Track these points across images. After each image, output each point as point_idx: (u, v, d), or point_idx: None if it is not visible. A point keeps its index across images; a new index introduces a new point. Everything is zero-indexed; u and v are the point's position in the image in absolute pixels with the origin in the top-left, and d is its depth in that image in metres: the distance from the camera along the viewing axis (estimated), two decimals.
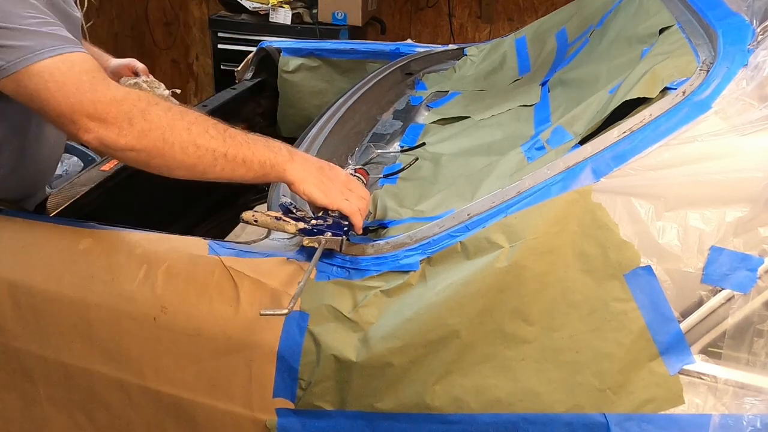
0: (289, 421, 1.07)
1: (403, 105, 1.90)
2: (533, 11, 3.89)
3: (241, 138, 1.12)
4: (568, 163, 1.04)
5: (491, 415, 0.99)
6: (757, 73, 1.00)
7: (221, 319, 1.08)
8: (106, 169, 1.69)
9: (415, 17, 4.13)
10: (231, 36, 3.70)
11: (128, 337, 1.13)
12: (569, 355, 0.98)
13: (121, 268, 1.15)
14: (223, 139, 1.09)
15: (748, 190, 0.96)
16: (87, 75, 1.07)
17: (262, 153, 1.11)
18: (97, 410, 1.21)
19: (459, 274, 1.01)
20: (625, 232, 0.98)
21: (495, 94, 1.81)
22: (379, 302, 1.04)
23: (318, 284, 1.07)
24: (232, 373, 1.08)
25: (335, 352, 1.02)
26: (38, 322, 1.18)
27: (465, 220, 1.06)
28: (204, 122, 1.10)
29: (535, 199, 1.02)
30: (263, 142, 1.14)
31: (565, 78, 1.59)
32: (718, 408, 0.95)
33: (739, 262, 0.95)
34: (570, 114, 1.28)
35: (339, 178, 1.19)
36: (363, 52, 2.36)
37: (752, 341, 0.96)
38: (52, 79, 1.05)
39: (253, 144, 1.12)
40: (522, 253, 0.98)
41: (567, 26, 1.88)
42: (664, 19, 1.33)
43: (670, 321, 0.96)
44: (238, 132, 1.13)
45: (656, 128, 1.01)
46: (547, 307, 0.98)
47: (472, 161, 1.41)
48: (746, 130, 0.98)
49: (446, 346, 1.00)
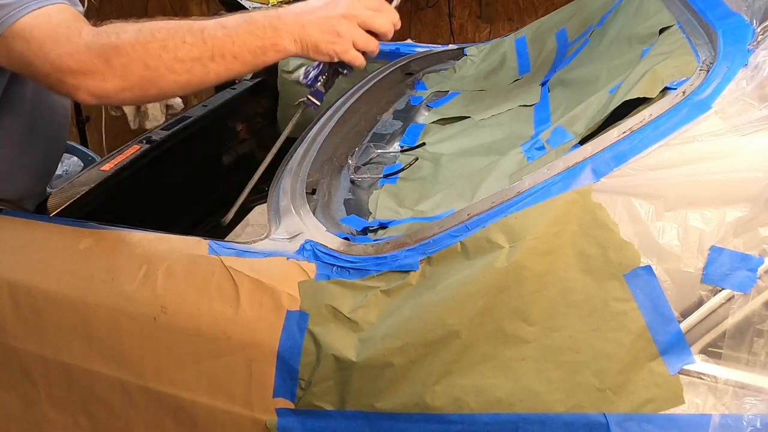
0: (289, 421, 1.07)
1: (403, 105, 1.90)
2: (533, 11, 3.89)
3: (221, 33, 1.04)
4: (568, 163, 1.04)
5: (491, 415, 0.99)
6: (757, 73, 1.00)
7: (221, 319, 1.08)
8: (106, 169, 1.70)
9: (415, 17, 4.13)
10: None
11: (128, 337, 1.13)
12: (569, 355, 0.98)
13: (121, 268, 1.15)
14: (203, 42, 1.03)
15: (748, 190, 0.96)
16: (62, 27, 1.03)
17: (249, 41, 1.05)
18: (97, 410, 1.21)
19: (459, 274, 1.01)
20: (625, 232, 0.98)
21: (495, 94, 1.81)
22: (379, 302, 1.04)
23: (318, 284, 1.07)
24: (232, 373, 1.08)
25: (335, 352, 1.02)
26: (38, 322, 1.18)
27: (465, 220, 1.06)
28: (177, 32, 1.03)
29: (535, 199, 1.02)
30: (245, 27, 1.05)
31: (565, 78, 1.59)
32: (718, 408, 0.95)
33: (739, 262, 0.95)
34: (570, 114, 1.28)
35: (338, 11, 1.08)
36: None
37: (752, 341, 0.96)
38: (32, 37, 1.02)
39: (236, 35, 1.04)
40: (522, 253, 0.98)
41: (567, 26, 1.88)
42: (664, 19, 1.33)
43: (670, 321, 0.96)
44: (215, 26, 1.05)
45: (656, 128, 1.01)
46: (547, 307, 0.98)
47: (472, 161, 1.41)
48: (746, 130, 0.98)
49: (446, 346, 1.00)
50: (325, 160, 1.49)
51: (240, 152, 2.29)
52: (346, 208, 1.38)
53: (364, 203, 1.38)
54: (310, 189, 1.37)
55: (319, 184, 1.41)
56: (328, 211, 1.32)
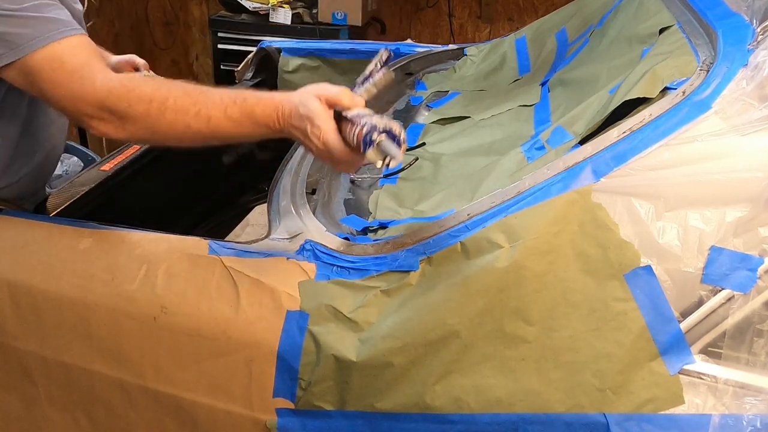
0: (289, 421, 1.07)
1: (403, 105, 1.90)
2: (533, 11, 3.88)
3: (226, 124, 1.05)
4: (568, 163, 1.04)
5: (491, 415, 0.99)
6: (757, 73, 1.00)
7: (221, 319, 1.08)
8: (106, 169, 1.70)
9: (415, 17, 4.13)
10: (231, 36, 3.70)
11: (128, 337, 1.13)
12: (569, 355, 0.98)
13: (121, 268, 1.15)
14: (207, 126, 1.05)
15: (748, 190, 0.96)
16: (77, 73, 1.07)
17: (252, 130, 1.06)
18: (97, 410, 1.21)
19: (459, 274, 1.01)
20: (625, 232, 0.98)
21: (495, 94, 1.81)
22: (379, 302, 1.04)
23: (318, 284, 1.07)
24: (232, 373, 1.08)
25: (335, 352, 1.02)
26: (38, 322, 1.18)
27: (465, 220, 1.06)
28: (186, 114, 1.05)
29: (535, 199, 1.02)
30: (250, 120, 1.05)
31: (565, 78, 1.59)
32: (718, 408, 0.95)
33: (739, 262, 0.95)
34: (570, 114, 1.28)
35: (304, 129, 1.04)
36: (363, 52, 2.35)
37: (752, 341, 0.96)
38: (47, 76, 1.07)
39: (240, 124, 1.05)
40: (522, 253, 0.98)
41: (567, 26, 1.88)
42: (664, 19, 1.33)
43: (670, 321, 0.96)
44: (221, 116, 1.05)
45: (656, 128, 1.01)
46: (547, 307, 0.98)
47: (472, 161, 1.41)
48: (746, 130, 0.98)
49: (446, 346, 1.00)
50: None
51: (240, 152, 2.29)
52: (346, 208, 1.38)
53: (364, 203, 1.38)
54: (310, 189, 1.37)
55: (319, 184, 1.41)
56: (328, 211, 1.32)
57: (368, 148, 0.92)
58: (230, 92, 1.07)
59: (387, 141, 0.91)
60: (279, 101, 1.05)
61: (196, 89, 1.08)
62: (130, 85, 1.08)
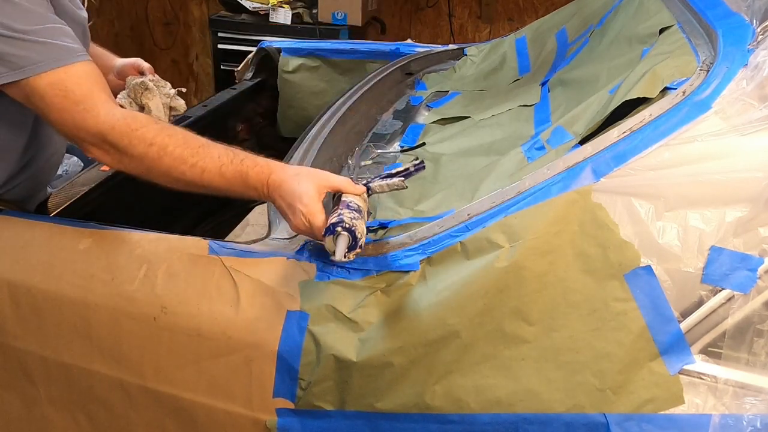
0: (289, 421, 1.07)
1: (403, 105, 1.90)
2: (533, 11, 3.89)
3: (218, 182, 1.11)
4: (568, 163, 1.04)
5: (491, 415, 0.99)
6: (757, 73, 1.00)
7: (221, 319, 1.08)
8: (106, 169, 1.69)
9: (415, 17, 4.13)
10: (231, 36, 3.71)
11: (128, 337, 1.13)
12: (569, 355, 0.98)
13: (121, 268, 1.15)
14: (200, 177, 1.11)
15: (748, 190, 0.96)
16: (80, 105, 1.11)
17: (242, 191, 1.12)
18: (97, 410, 1.21)
19: (459, 274, 1.01)
20: (625, 232, 0.98)
21: (495, 94, 1.81)
22: (379, 302, 1.04)
23: (318, 284, 1.07)
24: (232, 373, 1.08)
25: (335, 352, 1.02)
26: (38, 322, 1.18)
27: (465, 220, 1.06)
28: (183, 163, 1.10)
29: (535, 199, 1.02)
30: (241, 181, 1.10)
31: (565, 78, 1.59)
32: (718, 408, 0.95)
33: (739, 262, 0.95)
34: (570, 114, 1.28)
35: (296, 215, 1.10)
36: (363, 52, 2.36)
37: (752, 341, 0.96)
38: (53, 93, 1.10)
39: (231, 183, 1.11)
40: (522, 253, 0.98)
41: (567, 26, 1.89)
42: (664, 19, 1.33)
43: (670, 321, 0.96)
44: (216, 174, 1.10)
45: (656, 128, 1.01)
46: (547, 307, 0.98)
47: (472, 161, 1.41)
48: (746, 130, 0.98)
49: (446, 346, 1.00)
50: (325, 160, 1.49)
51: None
52: None
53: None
54: None
55: None
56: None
57: (328, 234, 1.01)
58: (229, 151, 1.12)
59: (343, 238, 1.00)
60: (273, 170, 1.10)
61: (197, 141, 1.13)
62: (134, 125, 1.11)
